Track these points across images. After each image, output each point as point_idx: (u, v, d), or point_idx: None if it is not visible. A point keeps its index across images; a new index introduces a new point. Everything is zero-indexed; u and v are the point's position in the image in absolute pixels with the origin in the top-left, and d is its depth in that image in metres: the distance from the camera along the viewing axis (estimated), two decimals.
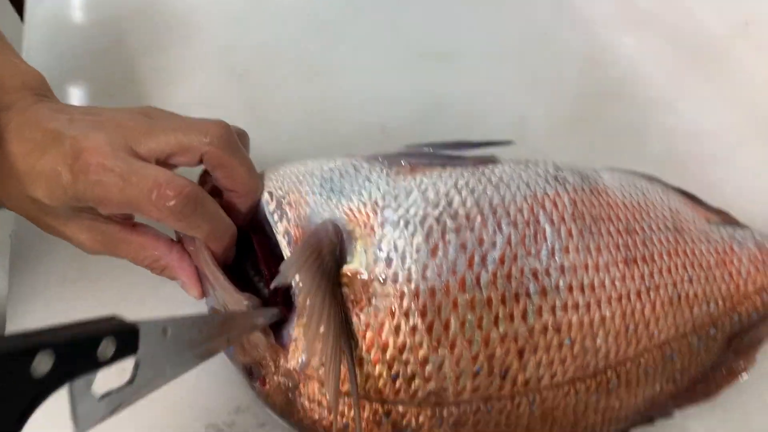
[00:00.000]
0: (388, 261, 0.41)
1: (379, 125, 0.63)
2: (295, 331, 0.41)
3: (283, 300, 0.43)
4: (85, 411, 0.33)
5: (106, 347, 0.32)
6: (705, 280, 0.45)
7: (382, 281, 0.40)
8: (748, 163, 0.58)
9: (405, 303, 0.40)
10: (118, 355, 0.33)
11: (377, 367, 0.40)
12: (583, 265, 0.42)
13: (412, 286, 0.40)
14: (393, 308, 0.40)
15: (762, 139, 0.60)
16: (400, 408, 0.41)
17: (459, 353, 0.40)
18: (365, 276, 0.40)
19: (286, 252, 0.42)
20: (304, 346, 0.41)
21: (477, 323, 0.40)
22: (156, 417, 0.46)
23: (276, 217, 0.43)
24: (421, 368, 0.40)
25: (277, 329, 0.42)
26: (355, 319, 0.40)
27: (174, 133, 0.43)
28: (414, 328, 0.40)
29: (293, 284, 0.40)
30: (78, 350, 0.31)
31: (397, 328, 0.40)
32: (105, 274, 0.52)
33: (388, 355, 0.40)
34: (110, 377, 0.34)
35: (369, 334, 0.40)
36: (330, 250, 0.41)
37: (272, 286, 0.40)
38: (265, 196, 0.44)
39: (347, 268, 0.41)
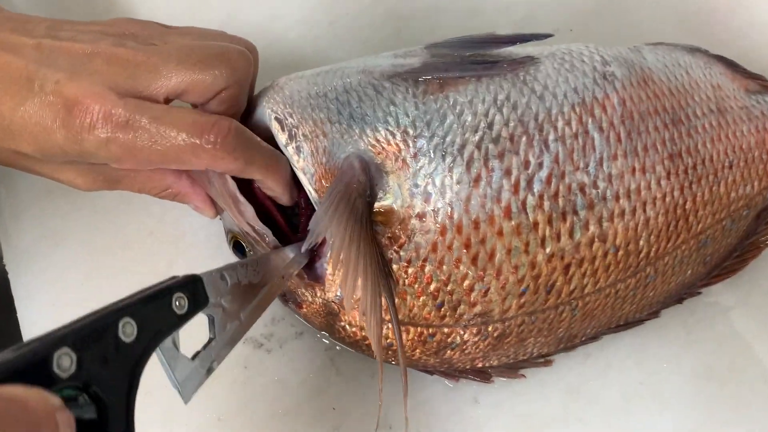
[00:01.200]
0: (426, 196, 0.35)
1: None
2: (331, 265, 0.36)
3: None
4: (183, 375, 0.31)
5: (180, 301, 0.30)
6: (744, 162, 0.40)
7: (421, 218, 0.35)
8: None
9: (448, 238, 0.35)
10: (192, 309, 0.31)
11: (421, 299, 0.36)
12: (630, 169, 0.36)
13: (455, 219, 0.35)
14: (435, 244, 0.35)
15: None
16: (446, 330, 0.37)
17: (505, 279, 0.36)
18: (402, 213, 0.35)
19: (309, 189, 0.36)
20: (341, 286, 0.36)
21: (523, 249, 0.35)
22: (191, 341, 0.42)
23: (291, 150, 0.36)
24: (467, 296, 0.36)
25: (310, 262, 0.37)
26: (394, 255, 0.35)
27: (189, 67, 0.33)
28: (458, 260, 0.35)
29: (320, 237, 0.34)
30: (154, 309, 0.29)
31: (441, 262, 0.35)
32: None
33: (432, 288, 0.36)
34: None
35: (411, 270, 0.36)
36: (360, 192, 0.34)
37: (304, 248, 0.34)
38: (274, 124, 0.36)
39: (381, 206, 0.35)
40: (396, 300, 0.36)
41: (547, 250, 0.35)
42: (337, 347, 0.42)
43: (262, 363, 0.42)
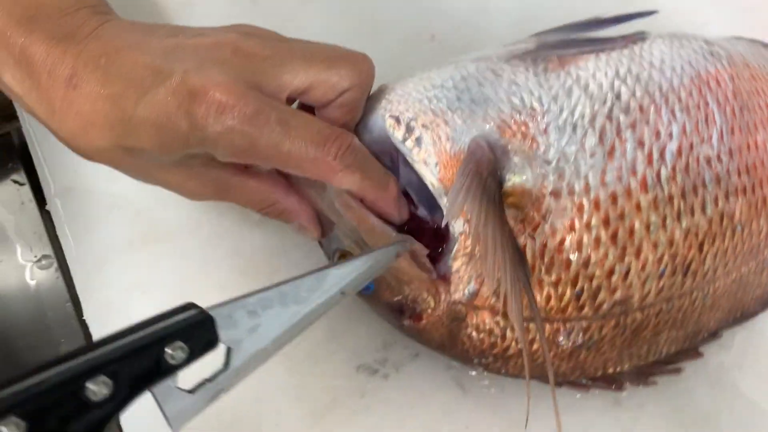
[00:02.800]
0: (560, 172, 0.30)
1: (428, 34, 0.51)
2: (458, 261, 0.31)
3: (432, 231, 0.32)
4: (176, 409, 0.24)
5: (177, 352, 0.23)
6: None
7: (556, 195, 0.30)
8: None
9: (585, 215, 0.30)
10: (193, 357, 0.24)
11: (559, 287, 0.31)
12: (746, 145, 0.33)
13: (591, 195, 0.30)
14: (573, 223, 0.30)
15: None
16: (584, 323, 0.32)
17: (645, 258, 0.31)
18: (535, 192, 0.30)
19: (431, 181, 0.31)
20: (470, 278, 0.31)
21: (661, 223, 0.31)
22: (303, 372, 0.36)
23: (410, 144, 0.32)
24: (607, 280, 0.31)
25: (432, 262, 0.32)
26: (528, 240, 0.31)
27: (316, 65, 0.30)
28: (598, 240, 0.30)
29: (457, 215, 0.30)
30: (137, 365, 0.22)
31: (579, 244, 0.30)
32: None
33: (571, 273, 0.31)
34: None
35: (547, 255, 0.31)
36: (490, 171, 0.30)
37: (443, 223, 0.29)
38: (389, 122, 0.32)
39: (512, 186, 0.31)
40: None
41: (684, 225, 0.31)
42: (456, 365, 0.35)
43: (381, 390, 0.35)
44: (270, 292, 0.27)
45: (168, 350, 0.23)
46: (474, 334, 0.33)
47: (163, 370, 0.23)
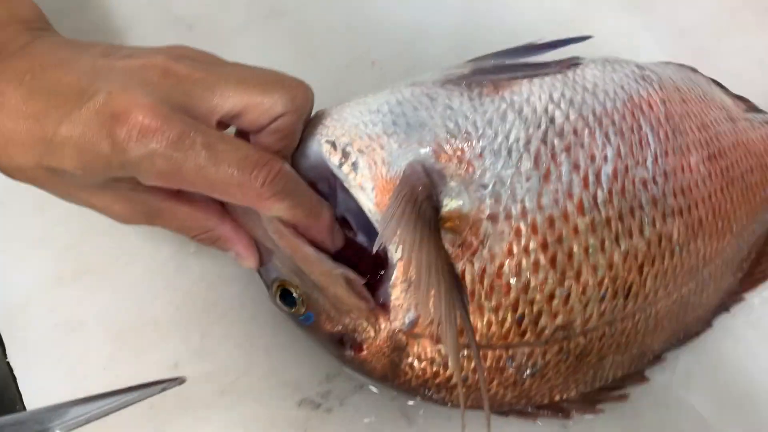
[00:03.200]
0: (496, 196, 0.30)
1: (369, 60, 0.50)
2: (396, 289, 0.30)
3: (371, 258, 0.31)
4: None
5: None
6: (759, 167, 0.38)
7: (493, 219, 0.30)
8: None
9: (523, 239, 0.30)
10: None
11: (500, 313, 0.30)
12: (680, 167, 0.33)
13: (528, 219, 0.30)
14: (511, 247, 0.29)
15: None
16: (526, 350, 0.31)
17: (585, 281, 0.30)
18: (472, 217, 0.29)
19: (368, 206, 0.30)
20: (409, 306, 0.30)
21: (600, 246, 0.30)
22: (243, 408, 0.34)
23: (346, 170, 0.31)
24: (548, 304, 0.30)
25: (372, 290, 0.31)
26: (467, 266, 0.30)
27: (249, 89, 0.28)
28: (536, 264, 0.30)
29: (390, 241, 0.29)
30: None
31: (518, 268, 0.30)
32: None
33: (511, 298, 0.30)
34: None
35: (487, 280, 0.30)
36: (426, 196, 0.29)
37: (374, 249, 0.28)
38: (325, 147, 0.31)
39: (449, 211, 0.30)
40: (471, 318, 0.30)
41: (622, 247, 0.31)
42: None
43: (324, 424, 0.33)
44: None
45: None
46: (416, 363, 0.31)
47: None
